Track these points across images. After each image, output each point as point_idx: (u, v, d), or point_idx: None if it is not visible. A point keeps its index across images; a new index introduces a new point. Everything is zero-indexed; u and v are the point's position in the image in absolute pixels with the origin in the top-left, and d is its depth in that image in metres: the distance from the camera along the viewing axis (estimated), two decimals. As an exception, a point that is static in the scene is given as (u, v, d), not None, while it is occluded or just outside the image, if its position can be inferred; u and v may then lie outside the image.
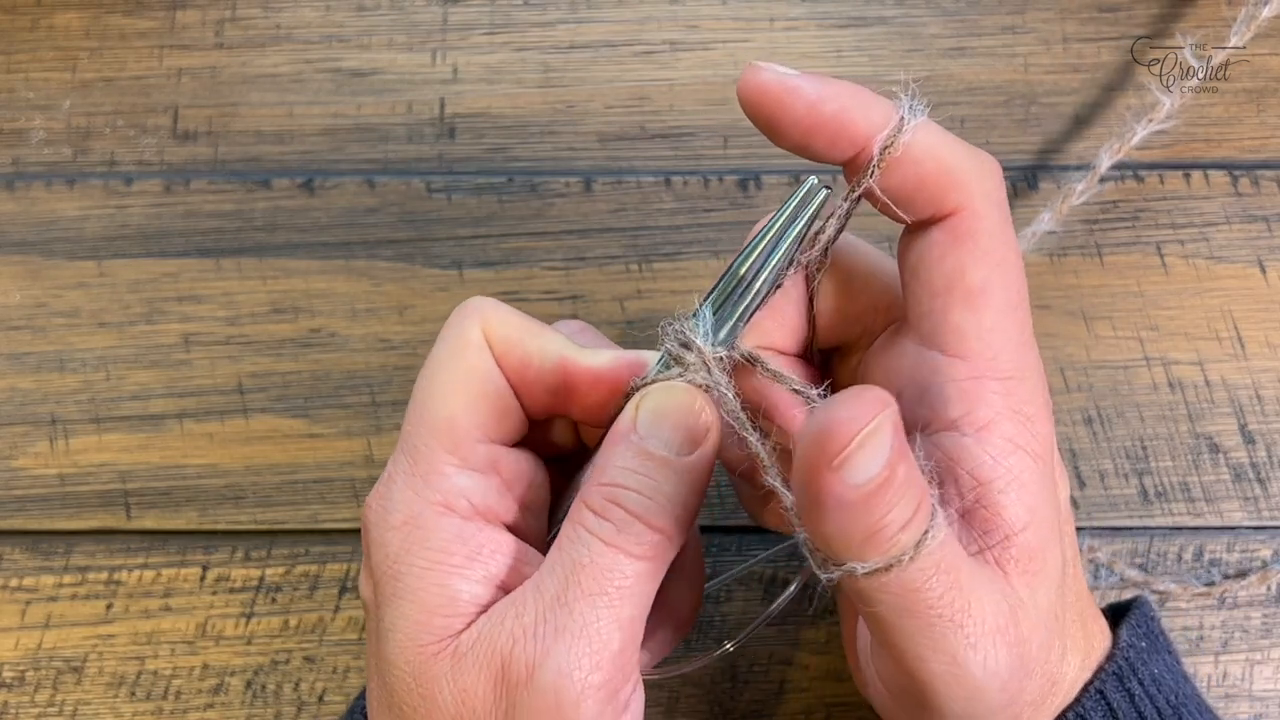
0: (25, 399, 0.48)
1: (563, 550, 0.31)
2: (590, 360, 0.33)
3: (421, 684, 0.31)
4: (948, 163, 0.32)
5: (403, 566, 0.32)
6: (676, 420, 0.32)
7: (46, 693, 0.45)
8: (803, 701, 0.44)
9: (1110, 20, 0.50)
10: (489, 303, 0.34)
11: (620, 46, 0.50)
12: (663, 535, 0.31)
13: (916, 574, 0.28)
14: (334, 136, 0.50)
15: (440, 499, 0.32)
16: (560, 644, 0.30)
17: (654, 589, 0.32)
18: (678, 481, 0.31)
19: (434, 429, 0.32)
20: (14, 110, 0.51)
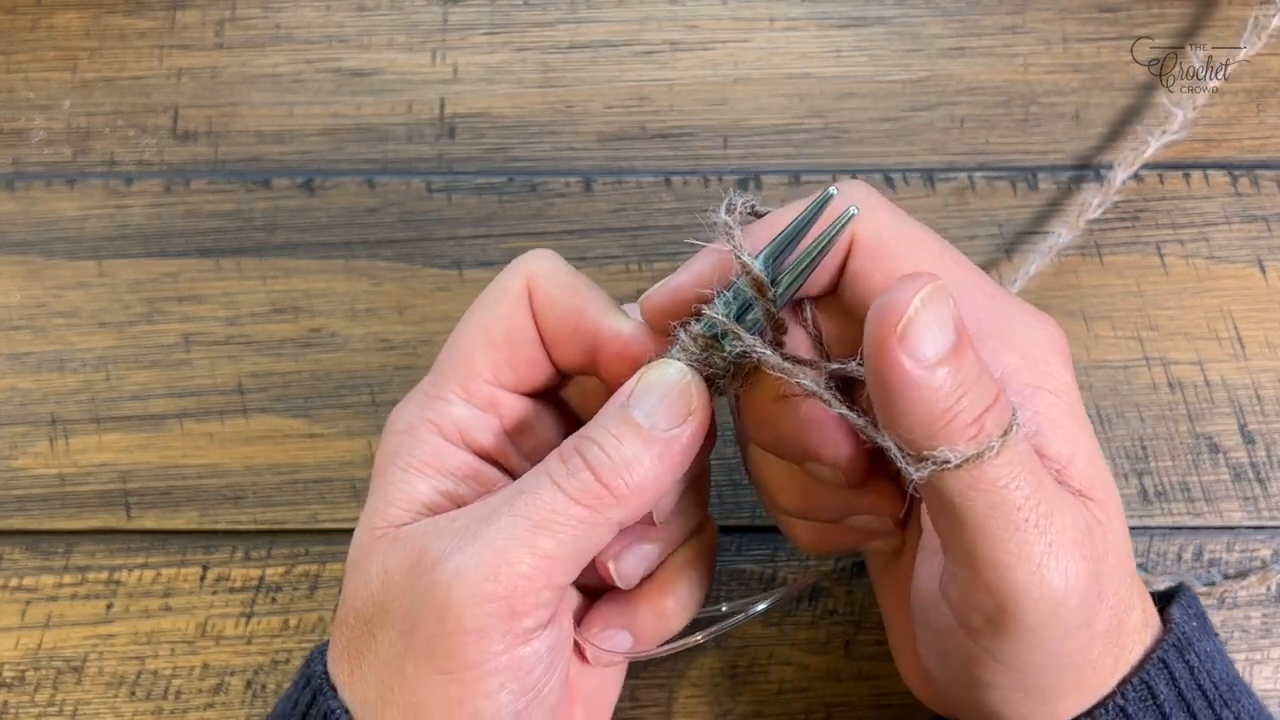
0: (25, 399, 0.48)
1: (517, 482, 0.33)
2: (620, 326, 0.35)
3: (361, 559, 0.34)
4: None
5: (387, 465, 0.35)
6: (661, 395, 0.33)
7: (47, 692, 0.45)
8: (803, 701, 0.44)
9: (1110, 20, 0.50)
10: (543, 257, 0.36)
11: (620, 46, 0.50)
12: (609, 492, 0.32)
13: (1004, 469, 0.29)
14: (334, 136, 0.50)
15: (434, 419, 0.35)
16: (470, 546, 0.32)
17: (590, 543, 0.33)
18: (643, 449, 0.32)
19: (451, 362, 0.36)
20: (14, 110, 0.51)
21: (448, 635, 0.31)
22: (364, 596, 0.34)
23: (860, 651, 0.44)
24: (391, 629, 0.33)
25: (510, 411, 0.36)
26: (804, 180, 0.48)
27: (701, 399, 0.33)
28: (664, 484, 0.33)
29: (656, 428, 0.33)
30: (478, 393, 0.36)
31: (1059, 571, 0.29)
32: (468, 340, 0.36)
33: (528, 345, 0.36)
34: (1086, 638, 0.31)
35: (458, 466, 0.35)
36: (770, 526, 0.45)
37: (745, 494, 0.46)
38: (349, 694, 0.34)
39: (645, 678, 0.44)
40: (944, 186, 0.48)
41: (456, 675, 0.31)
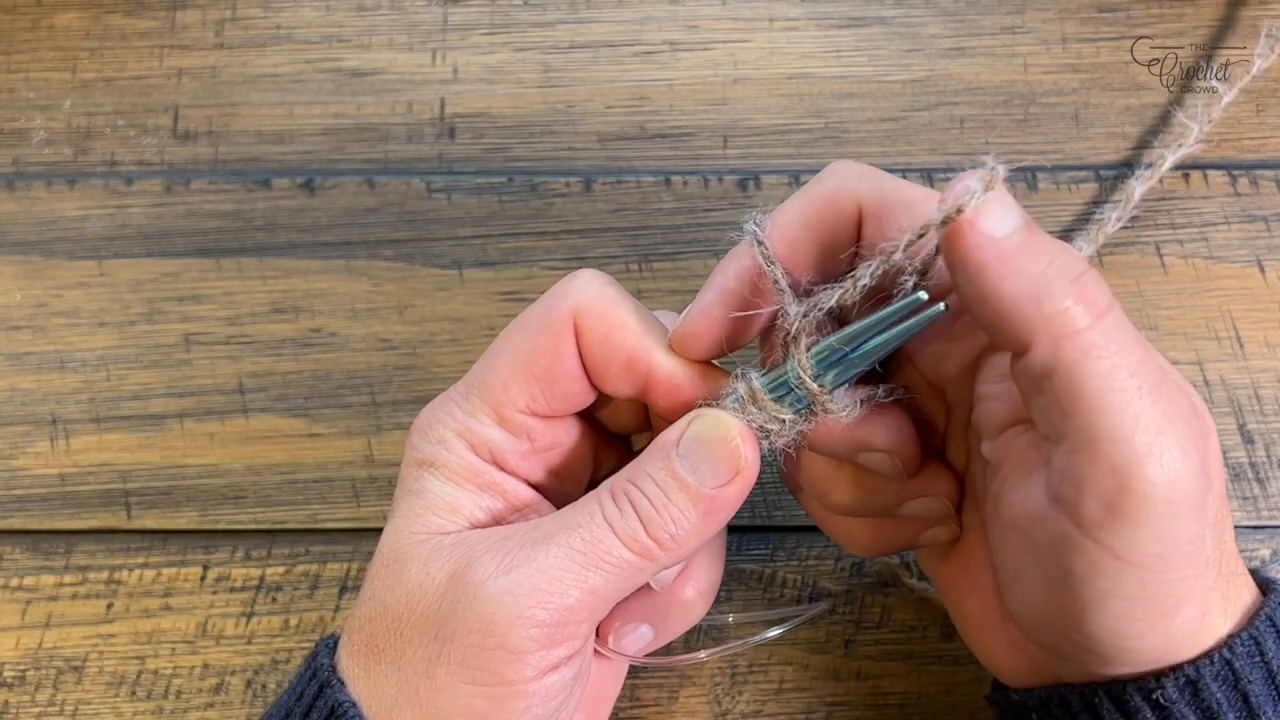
0: (26, 399, 0.48)
1: (569, 511, 0.34)
2: (671, 369, 0.34)
3: (398, 560, 0.34)
4: None
5: (423, 472, 0.35)
6: (710, 453, 0.33)
7: (47, 692, 0.45)
8: (803, 701, 0.44)
9: (1110, 20, 0.50)
10: (591, 282, 0.35)
11: (620, 46, 0.51)
12: (657, 544, 0.33)
13: (1114, 333, 0.29)
14: (334, 136, 0.50)
15: (469, 438, 0.35)
16: (522, 570, 0.32)
17: (631, 585, 0.33)
18: (690, 508, 0.33)
19: (487, 384, 0.35)
20: (14, 110, 0.51)
21: (488, 650, 0.32)
22: (399, 596, 0.34)
23: (860, 651, 0.44)
24: (426, 632, 0.33)
25: (542, 436, 0.36)
26: (804, 180, 0.48)
27: (751, 456, 0.33)
28: (709, 535, 0.34)
29: (704, 485, 0.33)
30: (510, 420, 0.35)
31: (1175, 442, 0.29)
32: (507, 366, 0.35)
33: (569, 379, 0.35)
34: (1200, 523, 0.29)
35: (494, 484, 0.36)
36: (770, 527, 0.45)
37: (745, 494, 0.46)
38: (362, 689, 0.34)
39: (645, 677, 0.44)
40: (944, 187, 0.48)
41: (487, 690, 0.32)
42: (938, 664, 0.44)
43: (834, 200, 0.33)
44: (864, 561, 0.45)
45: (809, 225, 0.33)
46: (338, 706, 0.33)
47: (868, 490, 0.36)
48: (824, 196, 0.33)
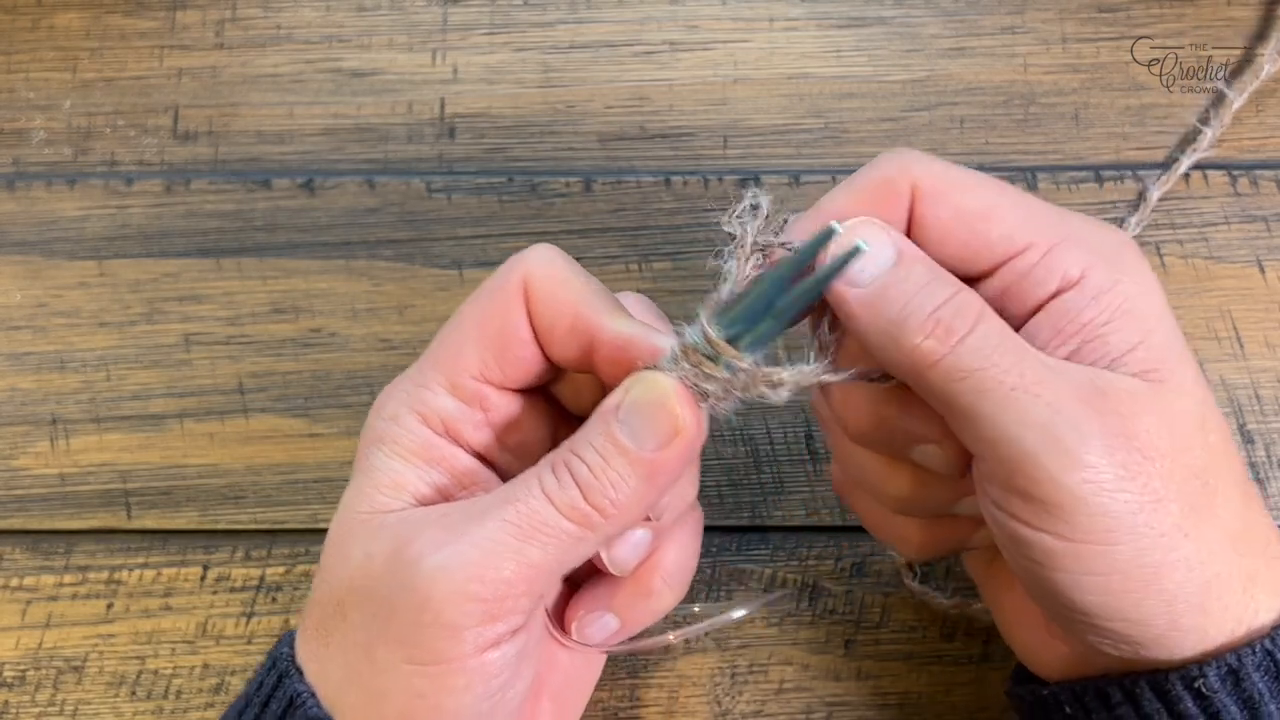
0: (26, 399, 0.48)
1: (509, 485, 0.33)
2: (616, 328, 0.34)
3: (343, 540, 0.34)
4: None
5: (373, 449, 0.35)
6: (647, 416, 0.33)
7: (47, 692, 0.45)
8: (803, 701, 0.44)
9: (1110, 20, 0.50)
10: (543, 252, 0.35)
11: (620, 46, 0.51)
12: (597, 512, 0.32)
13: (973, 354, 0.30)
14: (334, 136, 0.50)
15: (421, 410, 0.35)
16: (457, 544, 0.32)
17: (575, 557, 0.33)
18: (629, 471, 0.32)
19: (440, 354, 0.35)
20: (14, 110, 0.51)
21: (424, 627, 0.31)
22: (342, 577, 0.34)
23: (860, 651, 0.44)
24: (366, 612, 0.33)
25: (497, 407, 0.36)
26: (804, 180, 0.48)
27: (690, 417, 0.33)
28: (653, 501, 0.33)
29: (643, 449, 0.32)
30: (464, 388, 0.35)
31: (1069, 426, 0.30)
32: (459, 334, 0.35)
33: (520, 343, 0.35)
34: (1142, 492, 0.30)
35: (443, 459, 0.35)
36: (770, 527, 0.45)
37: (745, 494, 0.46)
38: (314, 673, 0.34)
39: (645, 677, 0.44)
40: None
41: (426, 668, 0.32)
42: (938, 664, 0.44)
43: (889, 180, 0.33)
44: (864, 561, 0.45)
45: (863, 205, 0.33)
46: (295, 696, 0.33)
47: (923, 485, 0.36)
48: (879, 177, 0.34)
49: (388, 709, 0.32)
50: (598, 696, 0.44)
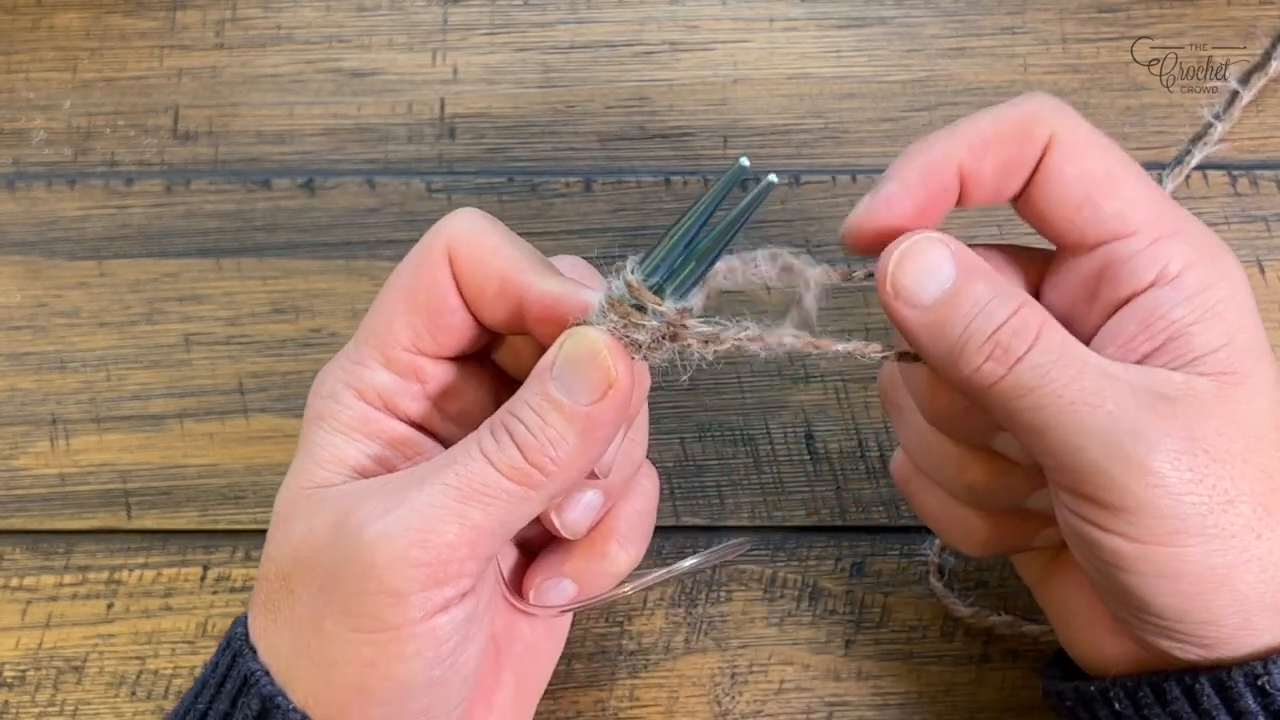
0: (26, 399, 0.48)
1: (448, 451, 0.33)
2: (545, 286, 0.34)
3: (286, 516, 0.34)
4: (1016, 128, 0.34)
5: (313, 426, 0.35)
6: (580, 370, 0.33)
7: (47, 692, 0.45)
8: (803, 701, 0.44)
9: (1110, 20, 0.50)
10: (465, 217, 0.35)
11: (620, 47, 0.51)
12: (537, 470, 0.32)
13: (1031, 371, 0.31)
14: (334, 137, 0.50)
15: (357, 385, 0.35)
16: (397, 511, 0.32)
17: (519, 517, 0.33)
18: (566, 427, 0.32)
19: (374, 329, 0.35)
20: (15, 110, 0.51)
21: (368, 595, 0.31)
22: (286, 553, 0.34)
23: (860, 651, 0.44)
24: (311, 585, 0.33)
25: (435, 377, 0.36)
26: (804, 180, 0.48)
27: (622, 368, 0.33)
28: (594, 456, 0.33)
29: (578, 403, 0.32)
30: (398, 360, 0.35)
31: (1131, 434, 0.30)
32: (388, 307, 0.35)
33: (450, 311, 0.35)
34: (1210, 494, 0.30)
35: (383, 430, 0.35)
36: (770, 526, 0.45)
37: (745, 495, 0.46)
38: (265, 650, 0.34)
39: (645, 677, 0.44)
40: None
41: (373, 635, 0.32)
42: (938, 664, 0.44)
43: (1028, 122, 0.33)
44: (864, 561, 0.45)
45: (1001, 137, 0.33)
46: (249, 675, 0.33)
47: (1000, 475, 0.36)
48: (1019, 115, 0.33)
49: (338, 679, 0.32)
50: (598, 696, 0.44)
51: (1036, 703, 0.44)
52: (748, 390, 0.47)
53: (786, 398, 0.47)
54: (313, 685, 0.33)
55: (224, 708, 0.34)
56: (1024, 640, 0.44)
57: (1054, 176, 0.33)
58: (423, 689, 0.33)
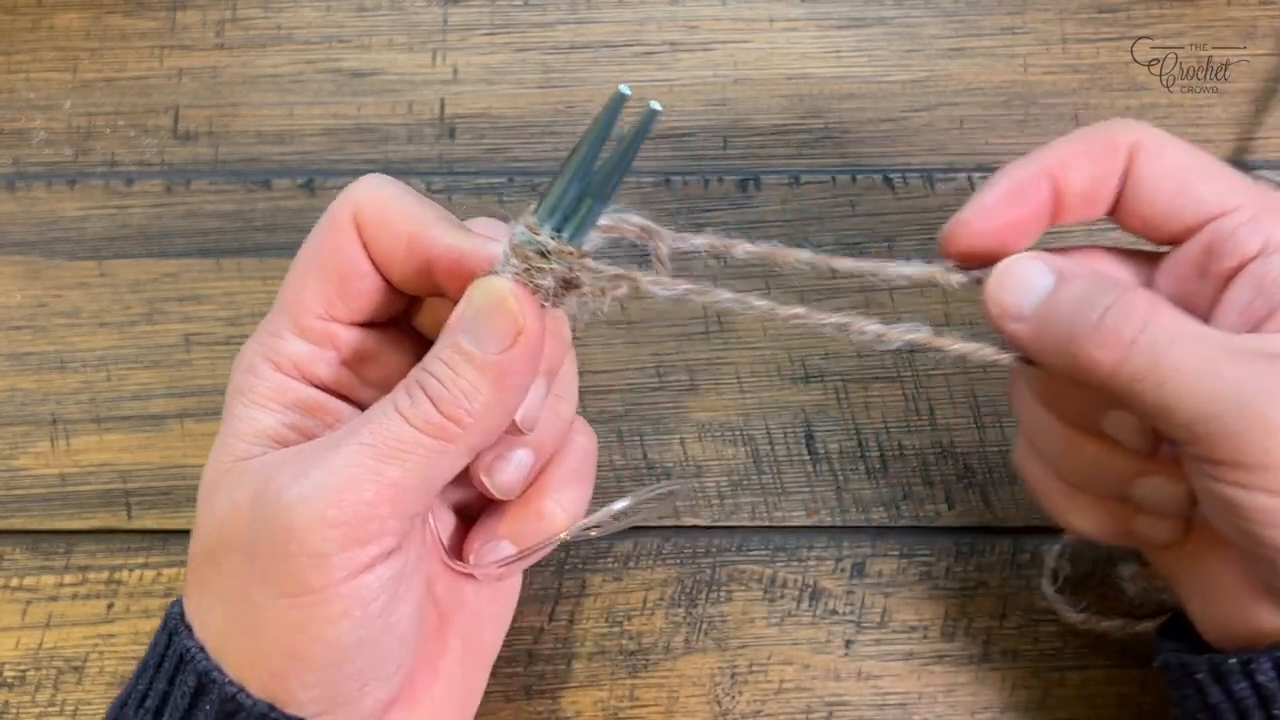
0: (26, 399, 0.48)
1: (364, 413, 0.33)
2: (450, 241, 0.34)
3: (208, 493, 0.34)
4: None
5: (232, 401, 0.36)
6: (488, 319, 0.33)
7: (47, 692, 0.45)
8: (803, 701, 0.44)
9: (1110, 20, 0.50)
10: (371, 181, 0.36)
11: (620, 47, 0.51)
12: (453, 422, 0.32)
13: (1145, 352, 0.31)
14: (334, 137, 0.50)
15: (273, 357, 0.35)
16: (314, 472, 0.32)
17: (441, 472, 0.33)
18: (478, 377, 0.32)
19: (286, 300, 0.36)
20: (15, 110, 0.51)
21: (290, 558, 0.31)
22: (210, 528, 0.34)
23: (860, 651, 0.44)
24: (236, 557, 0.33)
25: (349, 344, 0.36)
26: (804, 180, 0.48)
27: (530, 314, 0.33)
28: (510, 405, 0.33)
29: (488, 352, 0.32)
30: (310, 329, 0.35)
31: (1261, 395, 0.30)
32: (299, 276, 0.35)
33: (360, 276, 0.35)
34: None
35: (300, 400, 0.35)
36: (770, 526, 0.45)
37: (745, 495, 0.46)
38: (199, 626, 0.34)
39: (645, 677, 0.44)
40: (944, 187, 0.48)
41: (298, 599, 0.32)
42: (938, 664, 0.44)
43: (1111, 133, 0.34)
44: (864, 561, 0.45)
45: (1088, 150, 0.34)
46: (185, 653, 0.34)
47: (1105, 457, 0.36)
48: (1103, 129, 0.35)
49: (270, 647, 0.32)
50: (597, 696, 0.44)
51: (1037, 703, 0.44)
52: (748, 390, 0.47)
53: (786, 398, 0.47)
54: (245, 656, 0.33)
55: (163, 686, 0.34)
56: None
57: (1146, 176, 0.34)
58: (354, 650, 0.33)
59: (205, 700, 0.33)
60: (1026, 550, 0.45)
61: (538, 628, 0.45)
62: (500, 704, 0.44)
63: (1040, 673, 0.44)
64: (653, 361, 0.47)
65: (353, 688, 0.33)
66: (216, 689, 0.33)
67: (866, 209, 0.48)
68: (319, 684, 0.33)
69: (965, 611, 0.44)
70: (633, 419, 0.47)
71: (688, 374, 0.47)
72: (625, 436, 0.46)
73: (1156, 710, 0.43)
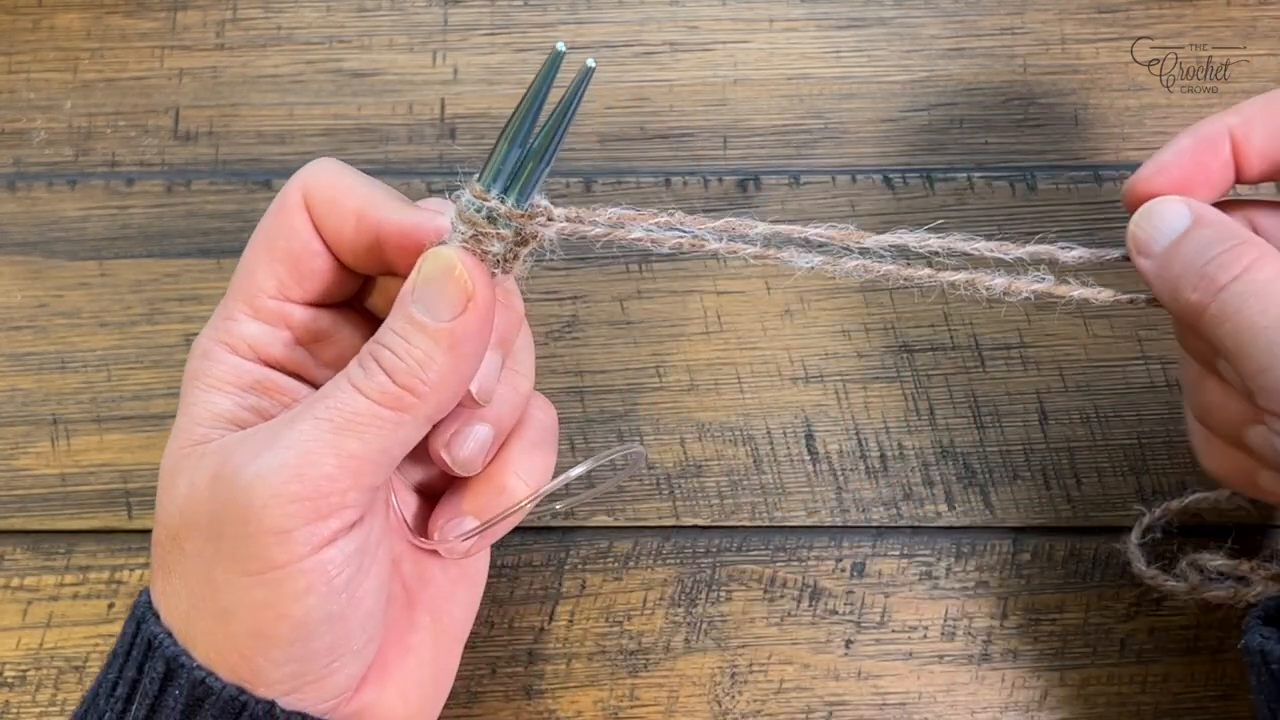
0: (27, 399, 0.48)
1: (320, 390, 0.33)
2: (398, 217, 0.35)
3: (167, 477, 0.35)
4: None
5: (189, 387, 0.36)
6: (438, 287, 0.33)
7: (48, 692, 0.45)
8: (803, 701, 0.44)
9: (1109, 21, 0.50)
10: (319, 164, 0.36)
11: (620, 47, 0.51)
12: (408, 392, 0.32)
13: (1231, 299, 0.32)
14: (335, 137, 0.50)
15: (226, 339, 0.36)
16: (272, 449, 0.32)
17: (400, 443, 0.33)
18: (432, 346, 0.33)
19: (238, 284, 0.36)
20: (15, 110, 0.51)
21: (251, 537, 0.32)
22: (171, 512, 0.34)
23: (860, 651, 0.44)
24: (198, 539, 0.33)
25: (303, 324, 0.36)
26: (804, 181, 0.49)
27: (479, 280, 0.33)
28: (465, 373, 0.34)
29: (440, 320, 0.33)
30: (264, 309, 0.36)
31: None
32: (251, 258, 0.36)
33: (312, 255, 0.35)
34: None
35: (256, 381, 0.36)
36: (770, 526, 0.45)
37: (745, 494, 0.46)
38: (166, 609, 0.34)
39: (645, 677, 0.44)
40: (943, 187, 0.48)
41: (262, 577, 0.32)
42: (938, 664, 0.44)
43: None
44: (864, 561, 0.45)
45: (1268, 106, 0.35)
46: (153, 639, 0.34)
47: (1220, 398, 0.37)
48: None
49: (236, 627, 0.32)
50: (597, 696, 0.44)
51: (1037, 703, 0.44)
52: (748, 390, 0.47)
53: (786, 398, 0.47)
54: (212, 638, 0.33)
55: (132, 674, 0.34)
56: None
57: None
58: (321, 625, 0.33)
59: (174, 685, 0.33)
60: (1026, 550, 0.45)
61: (538, 628, 0.45)
62: (500, 704, 0.44)
63: (1040, 673, 0.44)
64: (653, 361, 0.47)
65: (321, 664, 0.33)
66: (185, 673, 0.33)
67: (866, 209, 0.48)
68: (288, 661, 0.33)
69: (965, 611, 0.45)
70: (633, 419, 0.47)
71: (688, 374, 0.47)
72: (625, 436, 0.46)
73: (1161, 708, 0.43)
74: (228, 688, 0.33)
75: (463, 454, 0.37)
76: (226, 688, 0.33)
